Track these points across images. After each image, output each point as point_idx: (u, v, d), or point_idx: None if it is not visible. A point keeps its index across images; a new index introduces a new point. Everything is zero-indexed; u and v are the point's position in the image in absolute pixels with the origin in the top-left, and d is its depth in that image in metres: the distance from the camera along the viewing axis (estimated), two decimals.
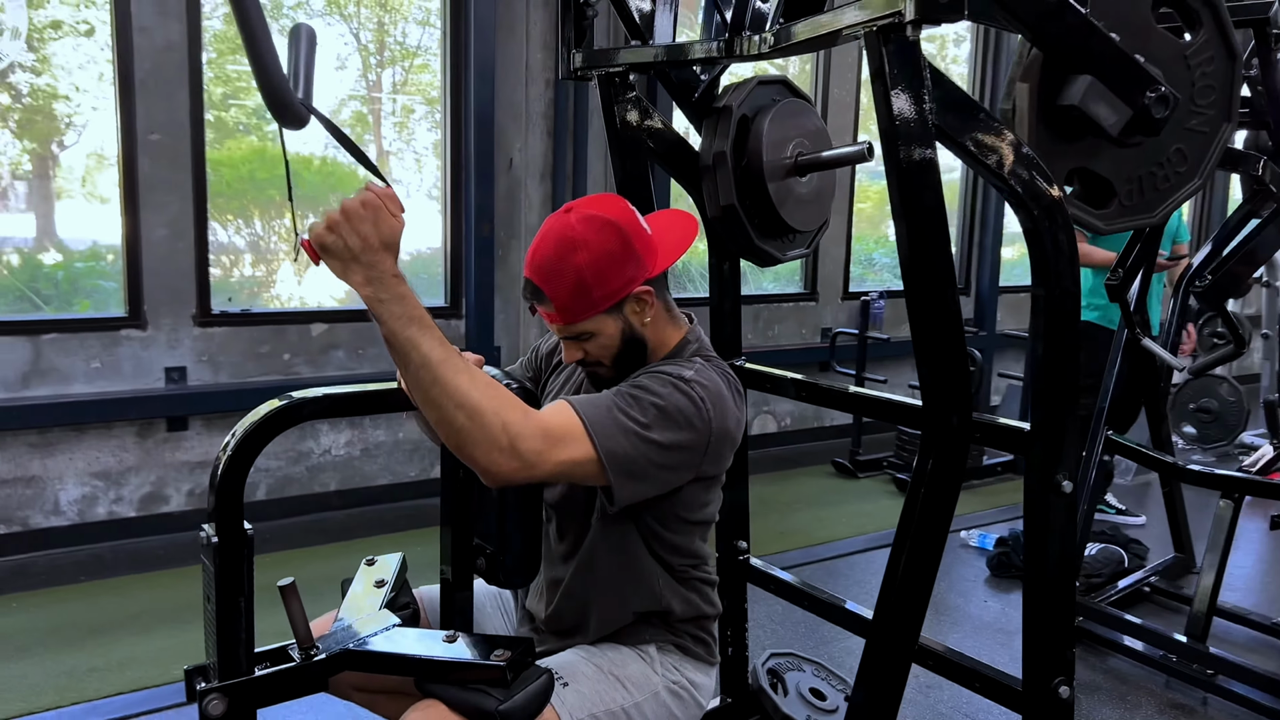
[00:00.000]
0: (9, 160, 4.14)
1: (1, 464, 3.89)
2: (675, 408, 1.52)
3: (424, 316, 1.34)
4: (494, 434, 1.34)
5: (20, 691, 2.88)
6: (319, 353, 4.51)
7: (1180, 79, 1.65)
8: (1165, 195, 1.71)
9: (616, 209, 1.64)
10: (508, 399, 1.38)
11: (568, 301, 1.60)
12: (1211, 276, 2.81)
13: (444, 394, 1.33)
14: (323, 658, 1.45)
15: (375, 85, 5.09)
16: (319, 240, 1.29)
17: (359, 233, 1.28)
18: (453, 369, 1.34)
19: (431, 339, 1.33)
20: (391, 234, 1.32)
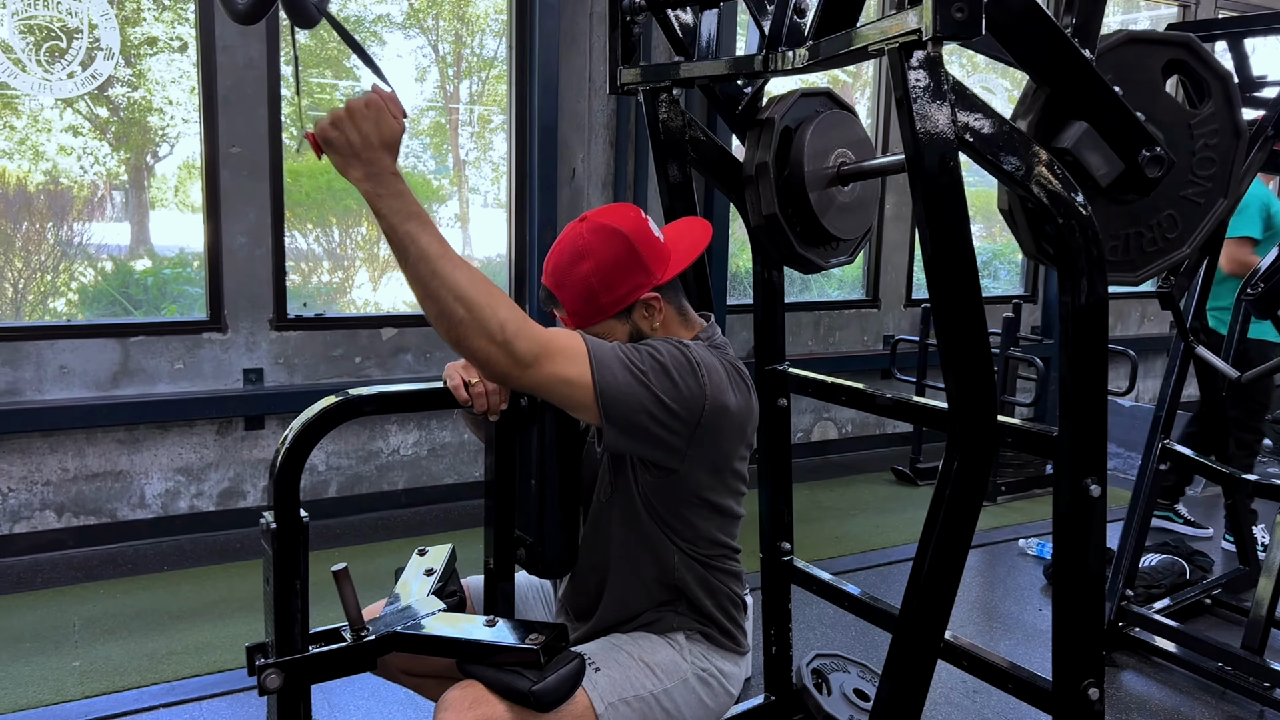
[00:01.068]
0: (107, 171, 4.39)
1: (92, 459, 4.13)
2: (674, 365, 1.58)
3: (422, 213, 1.40)
4: (490, 327, 1.40)
5: (105, 672, 3.06)
6: (389, 356, 4.67)
7: (1181, 146, 1.66)
8: (1150, 259, 1.72)
9: (627, 218, 1.72)
10: (506, 299, 1.44)
11: (578, 307, 1.70)
12: (1264, 284, 2.78)
13: (442, 286, 1.39)
14: (372, 639, 1.55)
15: (453, 96, 5.25)
16: (323, 134, 1.38)
17: (360, 130, 1.36)
18: (451, 263, 1.40)
19: (430, 233, 1.39)
20: (391, 134, 1.39)
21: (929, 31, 1.43)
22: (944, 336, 1.58)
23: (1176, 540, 4.11)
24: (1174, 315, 2.95)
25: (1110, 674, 3.19)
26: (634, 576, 1.75)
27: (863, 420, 6.11)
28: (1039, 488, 5.20)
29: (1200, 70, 1.67)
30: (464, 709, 1.46)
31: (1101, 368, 1.69)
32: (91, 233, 4.35)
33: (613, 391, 1.51)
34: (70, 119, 4.23)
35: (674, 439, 1.61)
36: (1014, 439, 1.85)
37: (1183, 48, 1.67)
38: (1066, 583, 1.75)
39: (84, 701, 2.90)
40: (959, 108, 1.53)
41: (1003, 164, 1.59)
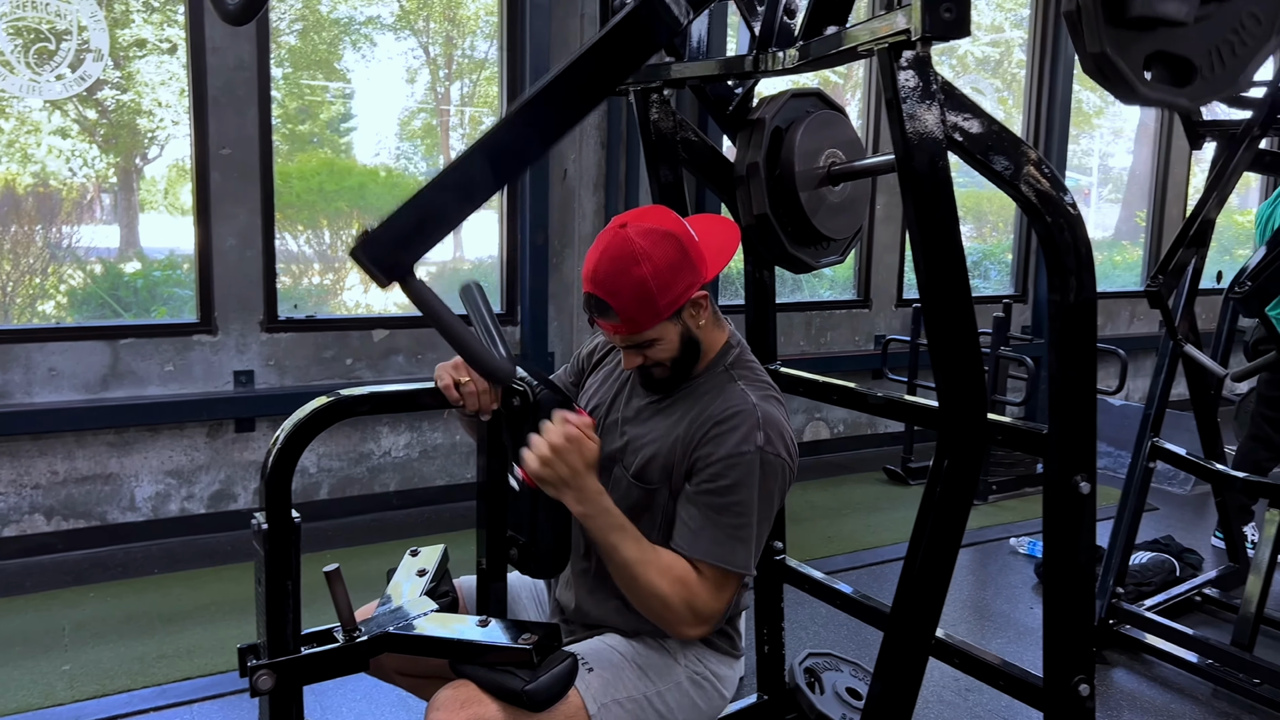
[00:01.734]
0: (96, 173, 4.37)
1: (82, 461, 4.11)
2: (768, 482, 1.68)
3: (624, 523, 1.60)
4: (682, 614, 1.61)
5: (95, 675, 3.05)
6: (380, 357, 4.67)
7: None
8: (1245, 59, 1.67)
9: (670, 221, 1.72)
10: (685, 581, 1.61)
11: (633, 313, 1.67)
12: (1252, 282, 2.80)
13: (639, 588, 1.59)
14: (364, 639, 1.54)
15: (444, 98, 5.25)
16: (536, 476, 1.55)
17: (568, 464, 1.54)
18: (644, 566, 1.59)
19: (629, 543, 1.59)
20: (594, 458, 1.57)
21: (918, 32, 1.44)
22: (934, 335, 1.59)
23: (1167, 539, 4.13)
24: (1162, 314, 2.97)
25: (1101, 671, 3.21)
26: None
27: (854, 420, 6.12)
28: (1030, 486, 5.22)
29: None
30: (456, 709, 1.46)
31: (1090, 365, 1.70)
32: (80, 235, 4.33)
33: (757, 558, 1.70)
34: (59, 121, 4.22)
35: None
36: (1004, 437, 1.86)
37: None
38: (1056, 579, 1.75)
39: (74, 705, 2.89)
40: (948, 108, 1.54)
41: (992, 164, 1.60)
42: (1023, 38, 6.82)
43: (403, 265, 1.43)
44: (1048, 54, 6.54)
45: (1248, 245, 8.50)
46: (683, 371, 1.76)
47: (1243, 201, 8.71)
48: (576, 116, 1.57)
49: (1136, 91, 1.60)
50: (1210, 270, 4.37)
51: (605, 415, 1.86)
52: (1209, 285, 4.43)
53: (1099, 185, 7.93)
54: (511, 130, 1.49)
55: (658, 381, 1.78)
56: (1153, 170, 7.53)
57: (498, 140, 1.49)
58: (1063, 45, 6.42)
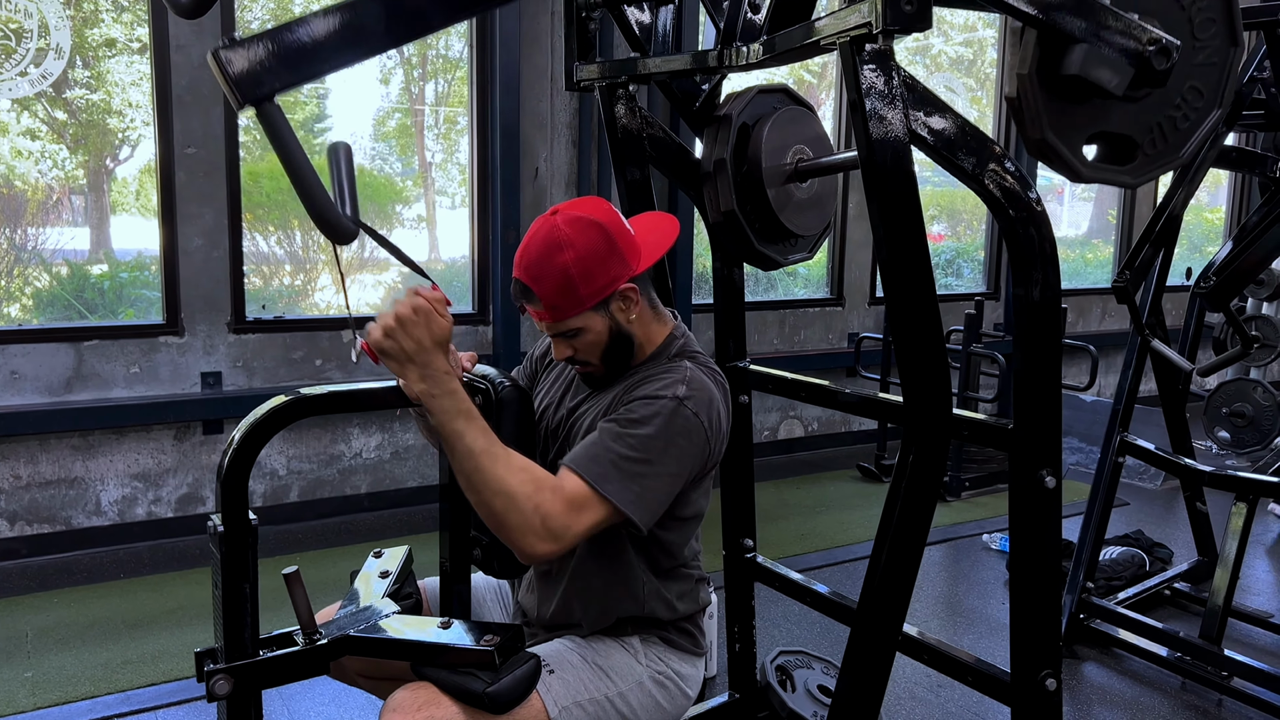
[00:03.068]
0: (65, 174, 4.31)
1: (46, 465, 4.05)
2: (676, 433, 1.61)
3: (471, 409, 1.47)
4: (528, 517, 1.46)
5: (58, 682, 3.00)
6: (350, 358, 4.62)
7: (1176, 20, 1.61)
8: (1189, 133, 1.67)
9: (600, 210, 1.71)
10: (540, 480, 1.49)
11: (555, 299, 1.67)
12: (1217, 277, 2.81)
13: (484, 481, 1.45)
14: (324, 642, 1.52)
15: (418, 98, 5.21)
16: (377, 346, 1.44)
17: (413, 337, 1.42)
18: (492, 458, 1.46)
19: (475, 429, 1.46)
20: (442, 334, 1.44)
21: (879, 24, 1.43)
22: (899, 331, 1.59)
23: (1137, 533, 4.16)
24: (1129, 309, 2.98)
25: (1071, 665, 3.22)
26: (595, 581, 1.74)
27: (828, 418, 6.13)
28: (1002, 483, 5.23)
29: None
30: (411, 710, 1.44)
31: (1055, 361, 1.70)
32: (47, 237, 4.27)
33: (634, 503, 1.56)
34: (28, 122, 4.15)
35: (689, 483, 1.68)
36: (970, 432, 1.86)
37: None
38: (1024, 574, 1.76)
39: (36, 713, 2.84)
40: (912, 103, 1.53)
41: (956, 159, 1.59)
42: (995, 37, 6.85)
43: (263, 89, 1.34)
44: None
45: (1216, 242, 8.60)
46: (616, 366, 1.75)
47: (1212, 199, 8.80)
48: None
49: (1078, 173, 1.63)
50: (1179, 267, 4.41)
51: (553, 414, 1.85)
52: (1177, 282, 4.48)
53: (1071, 184, 7.98)
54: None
55: (595, 379, 1.78)
56: None
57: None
58: None
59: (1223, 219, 8.56)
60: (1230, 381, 4.11)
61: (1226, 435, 6.00)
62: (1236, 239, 3.03)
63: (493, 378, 1.69)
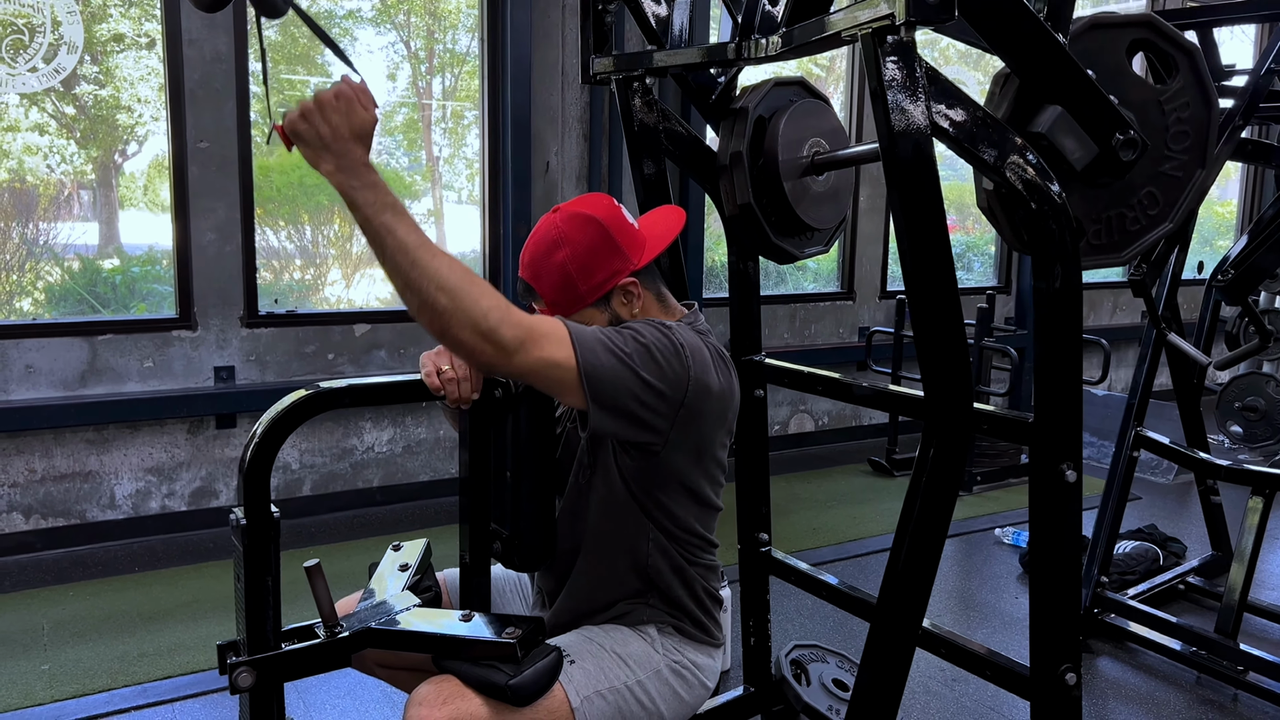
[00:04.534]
0: (75, 169, 4.32)
1: (60, 459, 4.06)
2: (657, 346, 1.58)
3: (397, 204, 1.39)
4: (475, 316, 1.38)
5: (75, 675, 3.02)
6: (362, 352, 4.63)
7: (1154, 123, 1.66)
8: (1134, 237, 1.72)
9: (600, 206, 1.72)
10: (488, 287, 1.42)
11: (556, 297, 1.68)
12: (1235, 270, 2.80)
13: (422, 276, 1.37)
14: (345, 635, 1.53)
15: (426, 92, 5.21)
16: (291, 126, 1.36)
17: (330, 122, 1.35)
18: (430, 252, 1.38)
19: (406, 224, 1.38)
20: (363, 125, 1.37)
21: (902, 16, 1.42)
22: (919, 324, 1.58)
23: (1150, 527, 4.15)
24: (1146, 303, 2.97)
25: (1086, 660, 3.22)
26: (607, 561, 1.74)
27: (839, 412, 6.13)
28: (1014, 477, 5.24)
29: (1165, 46, 1.68)
30: (437, 705, 1.44)
31: (1076, 353, 1.69)
32: (58, 232, 4.28)
33: (597, 373, 1.50)
34: (37, 117, 4.16)
35: (657, 420, 1.60)
36: (990, 426, 1.85)
37: (1145, 27, 1.68)
38: (1043, 568, 1.75)
39: (54, 705, 2.86)
40: (933, 95, 1.53)
41: (977, 150, 1.58)
42: None
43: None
44: None
45: (1228, 236, 8.56)
46: None
47: (1222, 193, 8.75)
48: None
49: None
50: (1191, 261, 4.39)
51: (570, 414, 1.85)
52: (1190, 276, 4.46)
53: None
54: None
55: None
56: None
57: None
58: None
59: (1234, 212, 8.52)
60: (1243, 376, 4.09)
61: (1239, 430, 5.98)
62: (1252, 232, 3.02)
63: None
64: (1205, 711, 2.94)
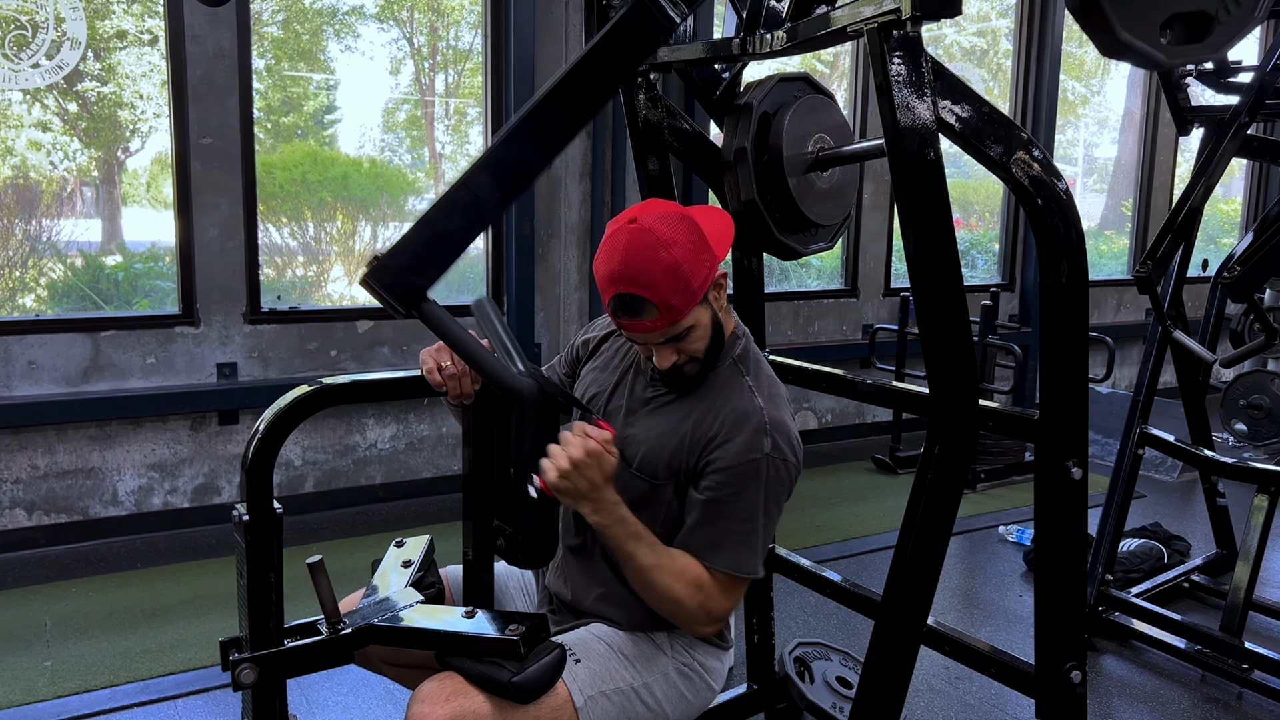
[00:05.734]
0: (78, 166, 4.31)
1: (63, 455, 4.06)
2: (772, 487, 1.69)
3: (639, 531, 1.60)
4: (695, 614, 1.64)
5: (78, 671, 3.01)
6: (365, 349, 4.63)
7: None
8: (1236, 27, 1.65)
9: (673, 205, 1.70)
10: (698, 583, 1.63)
11: (671, 300, 1.60)
12: (1241, 268, 2.79)
13: (654, 592, 1.62)
14: (348, 632, 1.52)
15: (429, 89, 5.20)
16: (555, 487, 1.52)
17: (587, 478, 1.52)
18: (659, 571, 1.61)
19: (644, 547, 1.60)
20: (612, 471, 1.56)
21: (907, 11, 1.42)
22: (925, 321, 1.58)
23: (1154, 526, 4.14)
24: (1151, 300, 2.96)
25: (1090, 658, 3.21)
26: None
27: (843, 410, 6.12)
28: (1018, 475, 5.23)
29: None
30: (440, 701, 1.44)
31: (1082, 350, 1.69)
32: (61, 228, 4.28)
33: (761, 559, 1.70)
34: (39, 114, 4.15)
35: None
36: (995, 423, 1.85)
37: None
38: (1048, 565, 1.74)
39: (56, 701, 2.85)
40: (939, 90, 1.52)
41: (984, 147, 1.58)
42: (1009, 27, 6.81)
43: (417, 292, 1.44)
44: (1034, 43, 6.53)
45: (1232, 234, 8.54)
46: (711, 361, 1.73)
47: (1226, 191, 8.73)
48: (578, 124, 1.55)
49: (1159, 62, 1.59)
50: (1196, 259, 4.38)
51: (605, 404, 1.84)
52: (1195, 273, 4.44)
53: (1084, 175, 7.94)
54: (515, 144, 1.49)
55: (687, 379, 1.74)
56: (1138, 159, 7.54)
57: (503, 155, 1.48)
58: (1049, 34, 6.41)
59: (1239, 209, 8.50)
60: (1248, 374, 4.08)
61: (1244, 427, 5.96)
62: (1258, 230, 3.01)
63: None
64: (1210, 709, 2.93)
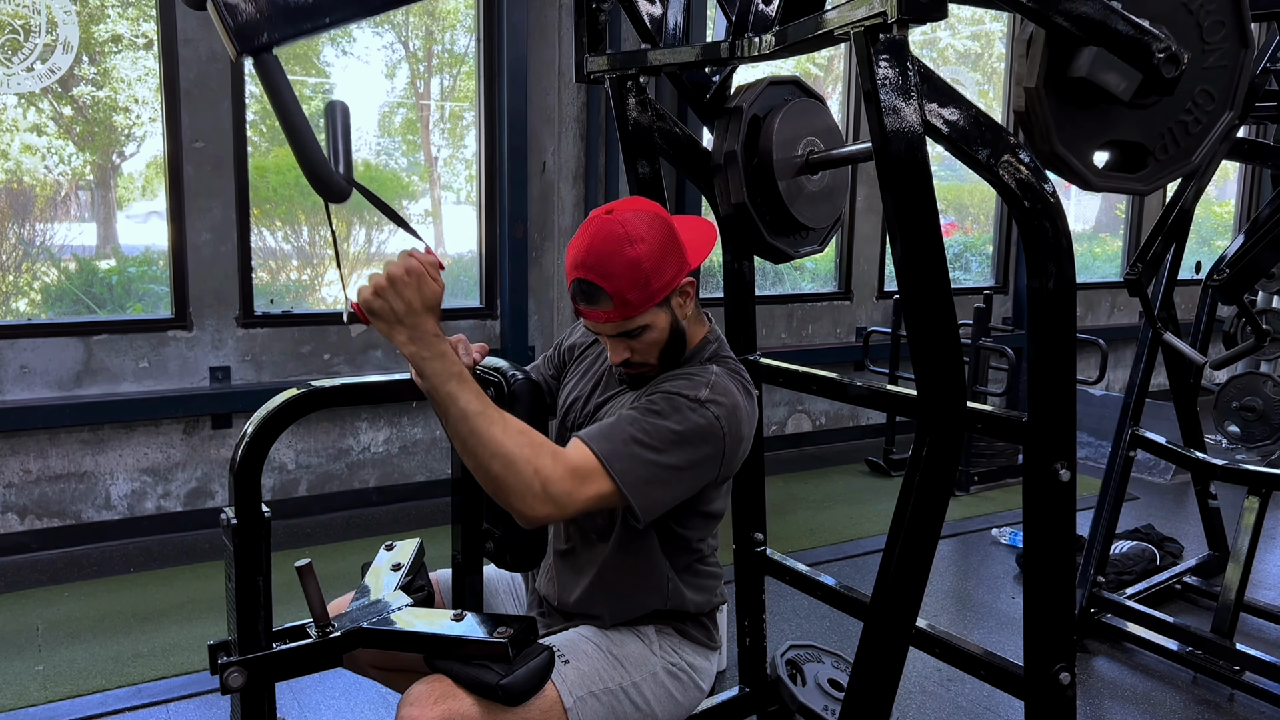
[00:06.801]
0: (72, 170, 4.31)
1: (56, 459, 4.06)
2: (691, 430, 1.59)
3: (463, 372, 1.45)
4: (528, 480, 1.44)
5: (70, 675, 3.01)
6: (358, 352, 4.63)
7: (1185, 26, 1.60)
8: (1201, 136, 1.66)
9: (657, 206, 1.71)
10: (538, 444, 1.47)
11: (628, 294, 1.62)
12: (1230, 270, 2.80)
13: (480, 444, 1.43)
14: (337, 635, 1.52)
15: (424, 93, 5.20)
16: (366, 305, 1.41)
17: (404, 298, 1.40)
18: (488, 420, 1.44)
19: (469, 393, 1.44)
20: (433, 297, 1.43)
21: (894, 14, 1.42)
22: (912, 324, 1.58)
23: (1147, 527, 4.14)
24: (1142, 302, 2.97)
25: (1082, 660, 3.21)
26: (623, 581, 1.74)
27: (836, 412, 6.12)
28: (1011, 477, 5.23)
29: None
30: (429, 704, 1.44)
31: (1070, 352, 1.69)
32: (55, 232, 4.27)
33: (639, 487, 1.54)
34: (34, 118, 4.15)
35: (700, 483, 1.65)
36: (984, 424, 1.85)
37: None
38: (1037, 567, 1.75)
39: (48, 705, 2.85)
40: (927, 94, 1.52)
41: (971, 150, 1.58)
42: (1003, 30, 6.82)
43: (263, 38, 1.31)
44: None
45: (1226, 236, 8.56)
46: (667, 366, 1.73)
47: (1220, 193, 8.76)
48: None
49: (1089, 182, 1.62)
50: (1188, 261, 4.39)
51: (582, 409, 1.84)
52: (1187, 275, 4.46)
53: None
54: None
55: (642, 380, 1.75)
56: None
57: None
58: None
59: (1232, 212, 8.52)
60: (1240, 375, 4.09)
61: (1236, 429, 5.97)
62: (1249, 232, 3.01)
63: (505, 370, 1.69)
64: (1201, 711, 2.93)
